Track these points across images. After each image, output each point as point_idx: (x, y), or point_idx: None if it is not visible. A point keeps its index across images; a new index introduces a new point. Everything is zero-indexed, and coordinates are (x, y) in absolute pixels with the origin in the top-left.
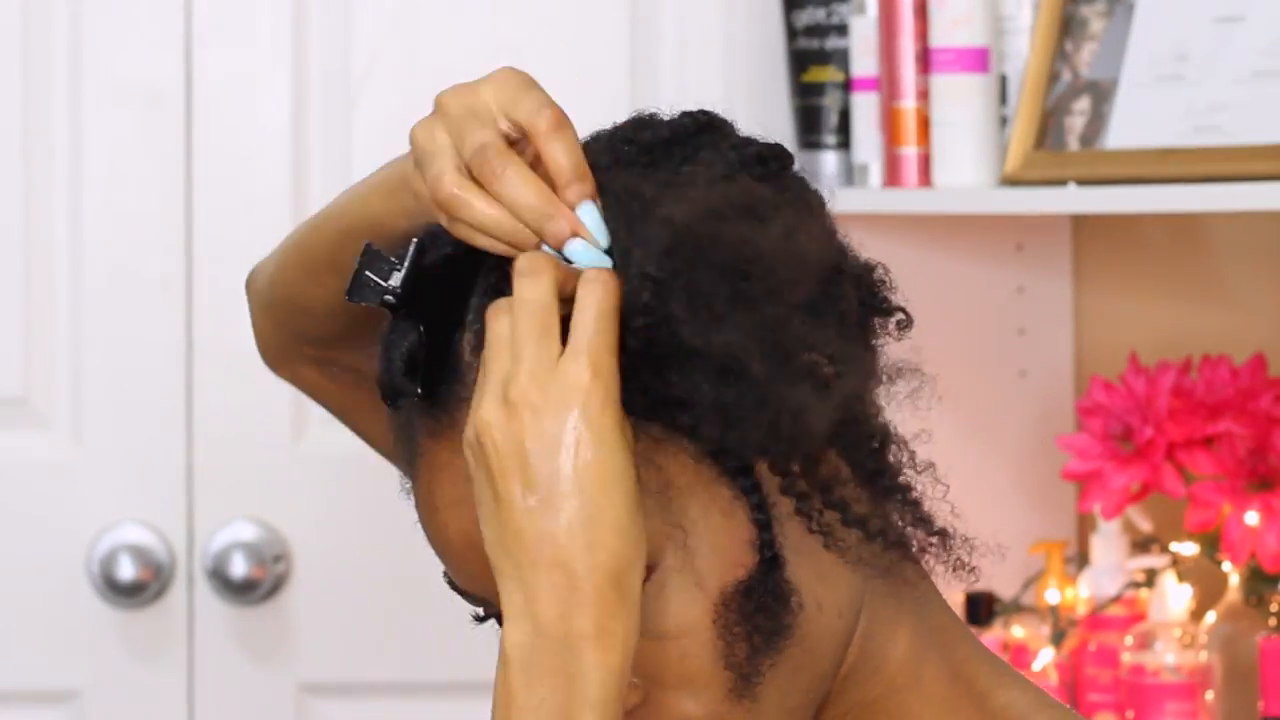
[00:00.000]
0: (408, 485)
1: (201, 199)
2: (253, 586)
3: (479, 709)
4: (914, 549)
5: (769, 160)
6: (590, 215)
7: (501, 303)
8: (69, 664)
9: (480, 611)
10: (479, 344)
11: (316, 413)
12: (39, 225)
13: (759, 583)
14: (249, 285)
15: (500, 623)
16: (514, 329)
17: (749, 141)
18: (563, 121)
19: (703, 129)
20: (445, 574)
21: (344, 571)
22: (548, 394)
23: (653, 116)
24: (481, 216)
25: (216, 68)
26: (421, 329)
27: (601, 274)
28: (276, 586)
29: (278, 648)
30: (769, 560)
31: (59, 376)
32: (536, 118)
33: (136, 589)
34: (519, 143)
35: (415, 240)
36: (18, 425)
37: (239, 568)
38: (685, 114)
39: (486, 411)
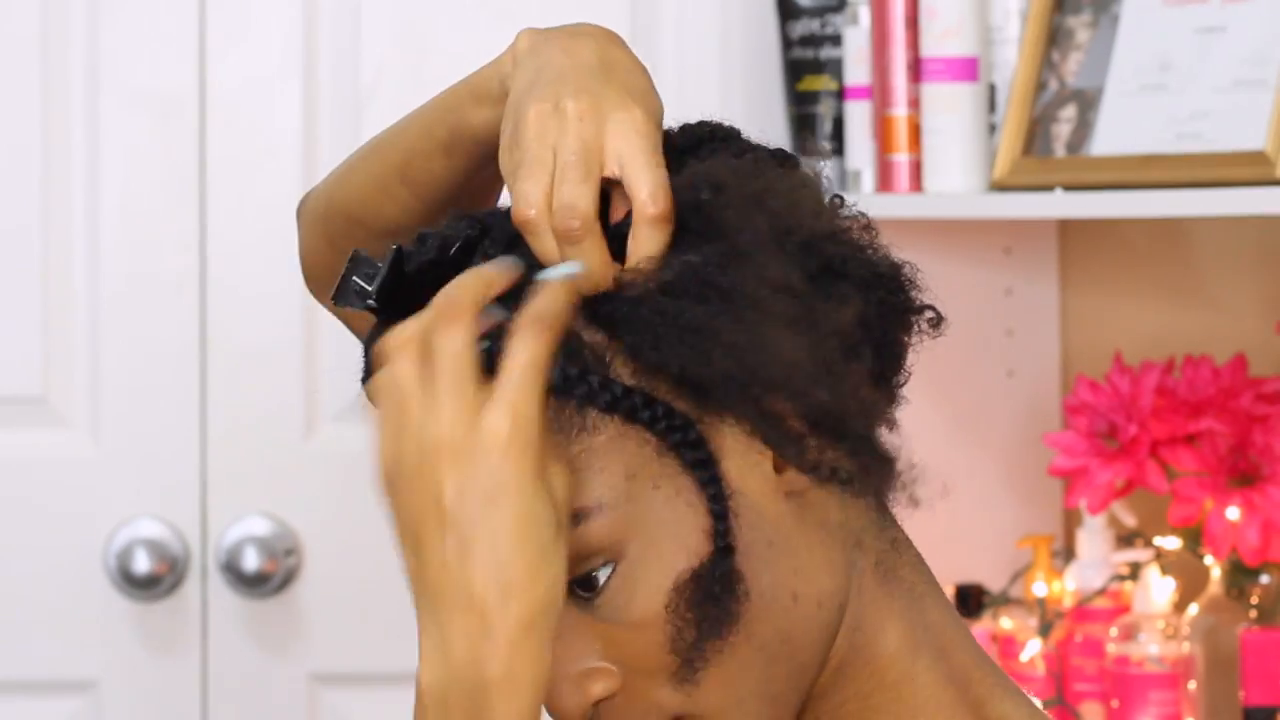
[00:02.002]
0: None
1: (215, 203)
2: (265, 579)
3: None
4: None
5: (783, 159)
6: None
7: (401, 337)
8: (86, 655)
9: None
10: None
11: (327, 410)
12: (57, 228)
13: (709, 571)
14: (300, 210)
15: None
16: (435, 373)
17: (759, 145)
18: (667, 216)
19: (714, 135)
20: None
21: (354, 564)
22: (469, 443)
23: (665, 130)
24: (542, 252)
25: (230, 75)
26: None
27: (537, 324)
28: (288, 579)
29: (289, 639)
30: (721, 549)
31: (77, 376)
32: (647, 202)
33: (152, 582)
34: (613, 183)
35: (394, 248)
36: (37, 424)
37: (251, 561)
38: (696, 123)
39: (408, 450)
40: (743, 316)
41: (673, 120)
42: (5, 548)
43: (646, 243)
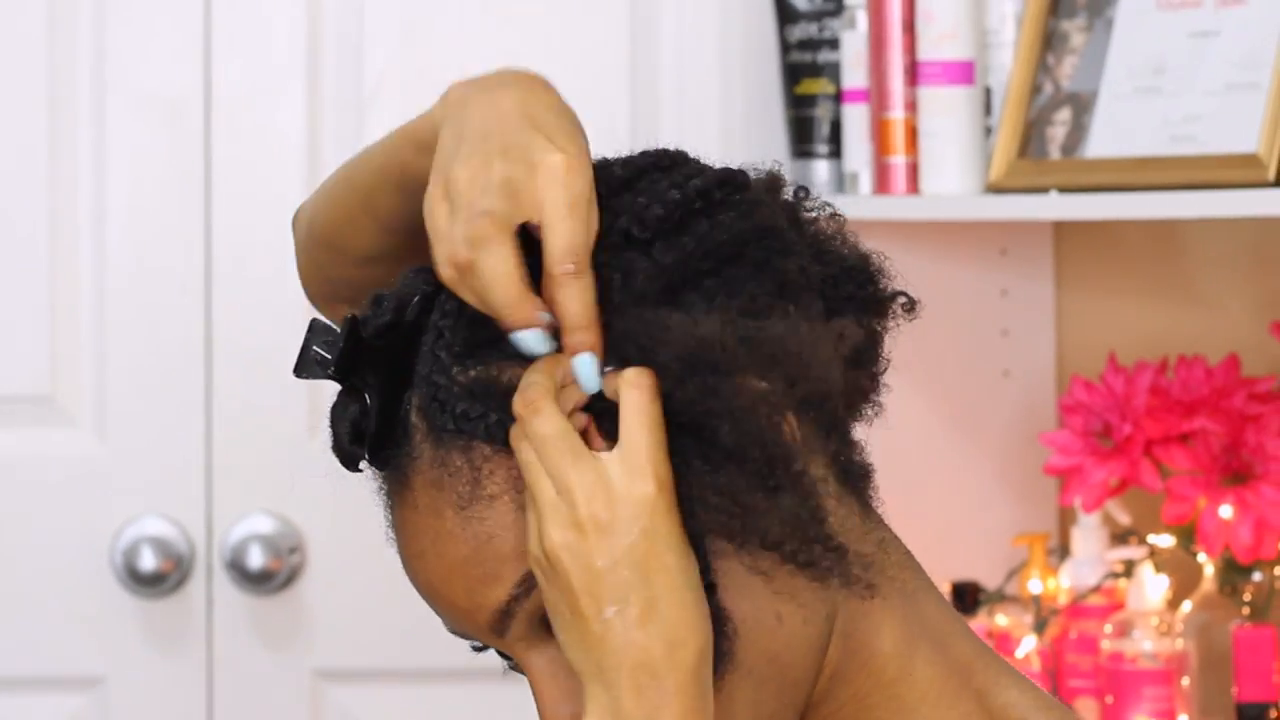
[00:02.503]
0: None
1: (220, 205)
2: (269, 577)
3: (486, 694)
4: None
5: (714, 189)
6: (586, 366)
7: (517, 430)
8: (93, 651)
9: (478, 643)
10: (425, 406)
11: None
12: (64, 230)
13: None
14: (294, 225)
15: (503, 657)
16: (545, 464)
17: (701, 171)
18: (582, 269)
19: (657, 165)
20: None
21: (357, 562)
22: (615, 512)
23: (605, 161)
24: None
25: (234, 79)
26: (367, 398)
27: (640, 376)
28: (292, 577)
29: (293, 635)
30: (705, 588)
31: (83, 376)
32: (560, 265)
33: (157, 579)
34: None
35: (349, 316)
36: (44, 423)
37: (256, 559)
38: (640, 153)
39: (554, 536)
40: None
41: (672, 130)
42: (12, 545)
43: (568, 301)
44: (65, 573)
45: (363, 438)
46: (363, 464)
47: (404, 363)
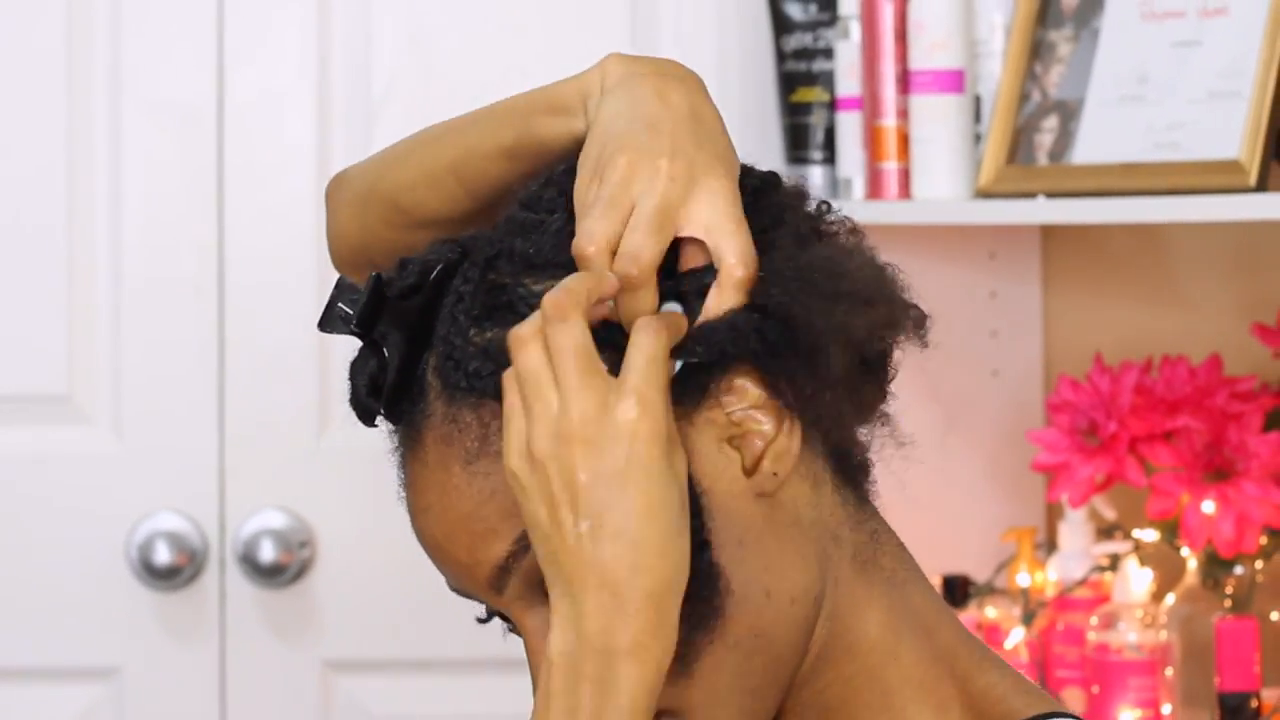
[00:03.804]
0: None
1: (232, 209)
2: (280, 570)
3: (493, 684)
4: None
5: (773, 182)
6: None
7: (524, 331)
8: (109, 643)
9: (483, 612)
10: (440, 365)
11: (341, 408)
12: (81, 234)
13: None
14: (333, 189)
15: (506, 623)
16: (556, 370)
17: (750, 170)
18: (752, 278)
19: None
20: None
21: (366, 556)
22: (601, 430)
23: None
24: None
25: (246, 87)
26: (385, 353)
27: (660, 320)
28: (302, 570)
29: (304, 627)
30: (696, 546)
31: (100, 376)
32: (736, 265)
33: (172, 573)
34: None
35: (373, 274)
36: (62, 421)
37: (267, 553)
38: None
39: (541, 443)
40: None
41: None
42: (31, 540)
43: (729, 299)
44: (83, 566)
45: (379, 392)
46: (379, 420)
47: (424, 325)
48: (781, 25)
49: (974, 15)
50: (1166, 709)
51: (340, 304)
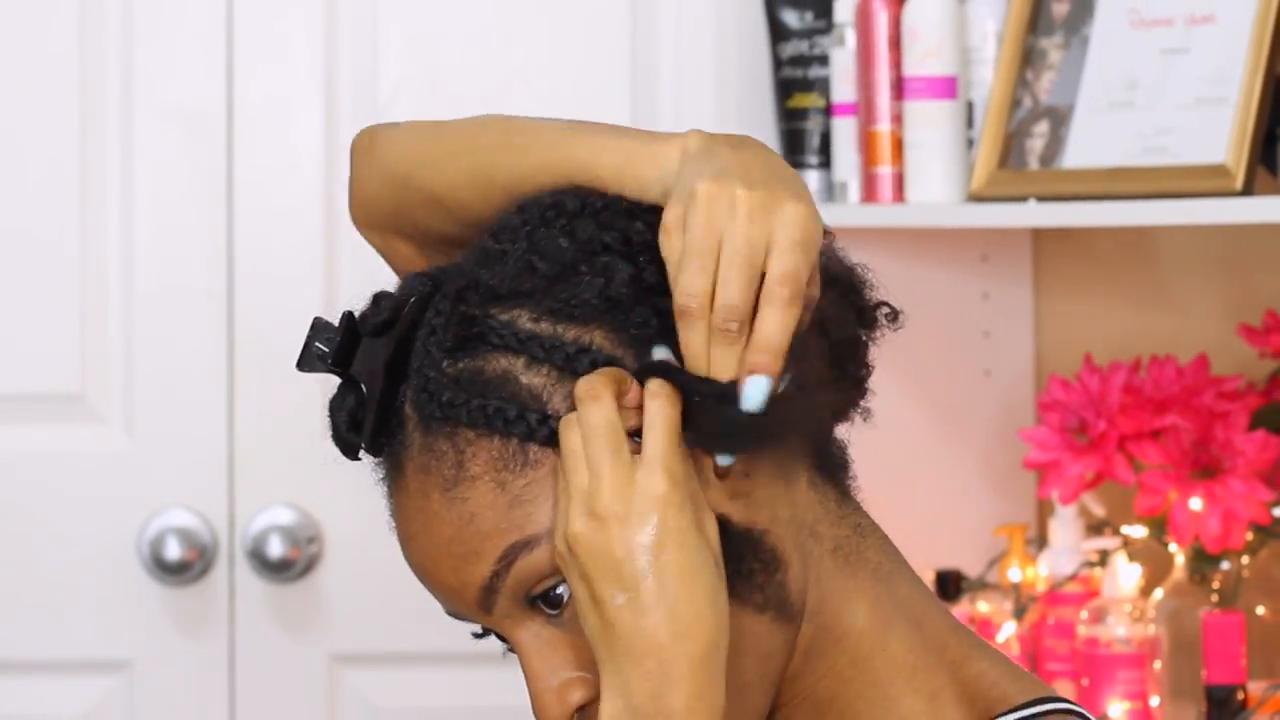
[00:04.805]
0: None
1: (241, 213)
2: (288, 566)
3: (498, 677)
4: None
5: None
6: (758, 387)
7: (570, 419)
8: (121, 636)
9: (478, 629)
10: (415, 396)
11: None
12: (93, 237)
13: None
14: (367, 148)
15: (503, 642)
16: (587, 449)
17: None
18: (795, 297)
19: None
20: None
21: (372, 551)
22: (631, 506)
23: None
24: (690, 341)
25: (255, 93)
26: (363, 389)
27: (662, 387)
28: (310, 566)
29: (311, 622)
30: None
31: (112, 375)
32: (779, 286)
33: (182, 568)
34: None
35: (345, 313)
36: (75, 420)
37: (276, 548)
38: None
39: (576, 524)
40: None
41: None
42: (45, 536)
43: (766, 321)
44: (95, 562)
45: (359, 427)
46: (362, 453)
47: (400, 358)
48: (778, 33)
49: (966, 23)
50: (1155, 701)
51: (317, 343)
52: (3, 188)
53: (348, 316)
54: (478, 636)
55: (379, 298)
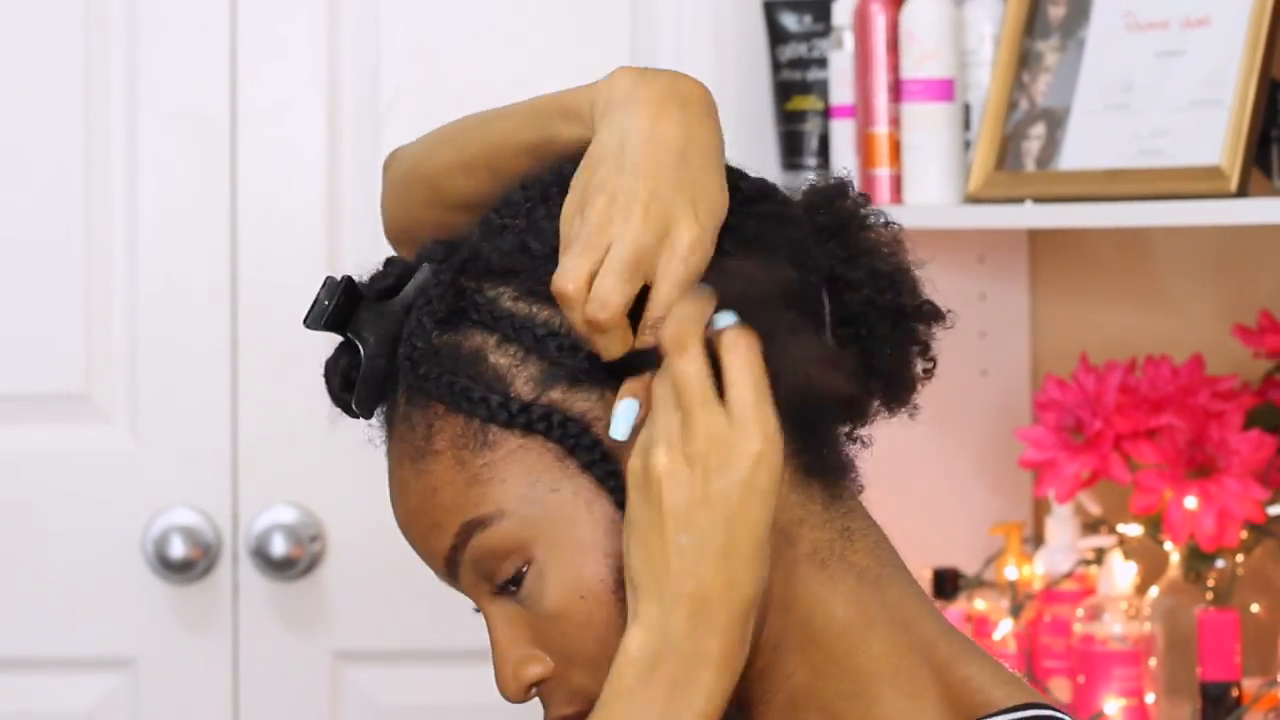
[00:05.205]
0: None
1: (244, 215)
2: (291, 564)
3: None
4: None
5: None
6: (626, 411)
7: (664, 372)
8: (125, 634)
9: (475, 606)
10: (401, 364)
11: None
12: (99, 239)
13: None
14: (387, 165)
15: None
16: (681, 398)
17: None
18: (684, 282)
19: (773, 197)
20: None
21: (374, 550)
22: (726, 458)
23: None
24: (571, 323)
25: (259, 97)
26: (360, 350)
27: (740, 337)
28: (313, 564)
29: (314, 619)
30: None
31: (117, 375)
32: (653, 314)
33: (186, 566)
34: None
35: (344, 276)
36: (80, 419)
37: (279, 547)
38: (759, 179)
39: (662, 459)
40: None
41: None
42: (51, 534)
43: (642, 343)
44: (100, 560)
45: (352, 386)
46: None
47: (394, 325)
48: (777, 36)
49: (964, 26)
50: (1150, 698)
51: (324, 300)
52: (8, 190)
53: (346, 280)
54: (477, 610)
55: (389, 262)
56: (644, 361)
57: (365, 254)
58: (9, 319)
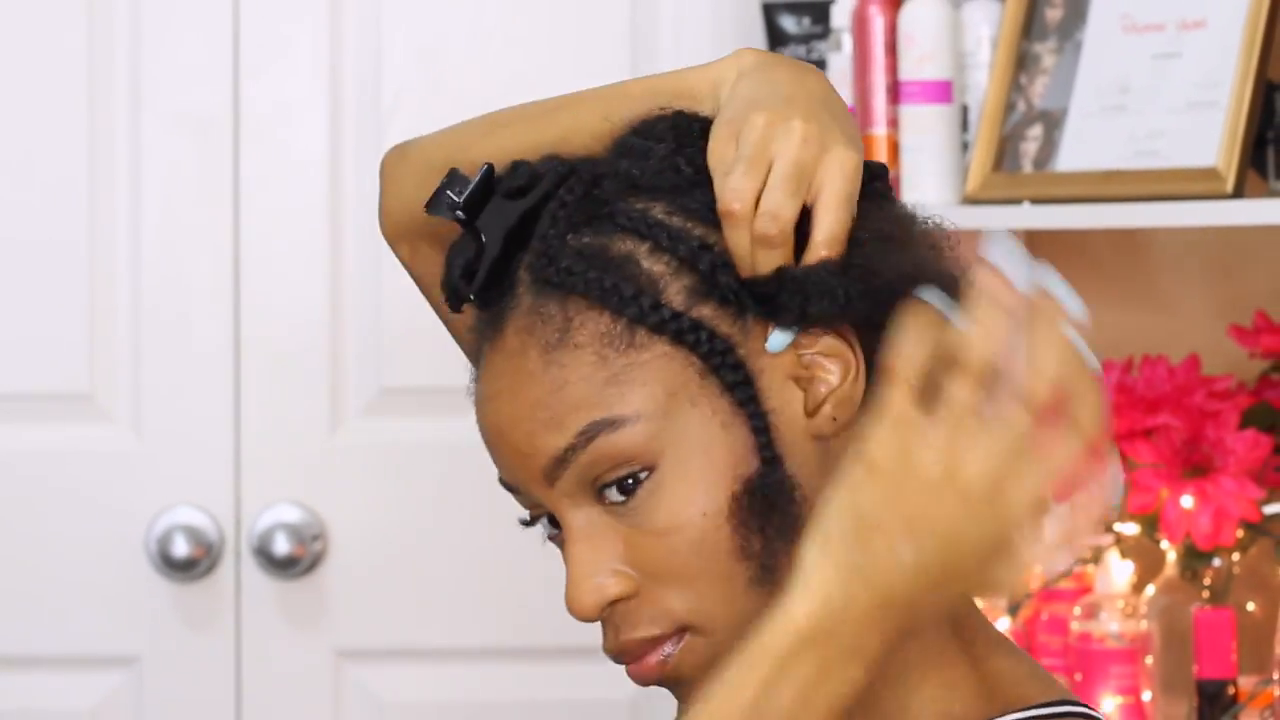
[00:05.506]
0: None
1: (247, 216)
2: (293, 563)
3: (500, 672)
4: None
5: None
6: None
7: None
8: (129, 632)
9: (526, 515)
10: (534, 261)
11: (353, 406)
12: (102, 240)
13: (762, 482)
14: (399, 158)
15: (551, 523)
16: (942, 412)
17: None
18: (849, 198)
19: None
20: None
21: (376, 549)
22: (994, 426)
23: None
24: (734, 244)
25: (261, 99)
26: (483, 241)
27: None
28: (315, 563)
29: (316, 618)
30: (768, 461)
31: (120, 375)
32: (820, 245)
33: (189, 565)
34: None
35: (486, 164)
36: (84, 419)
37: (281, 546)
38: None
39: (962, 391)
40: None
41: None
42: (54, 533)
43: (828, 221)
44: (103, 559)
45: (472, 276)
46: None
47: (524, 226)
48: (776, 37)
49: (961, 28)
50: (1146, 696)
51: (449, 191)
52: (12, 191)
53: (488, 168)
54: (525, 524)
55: (517, 164)
56: (825, 310)
57: (367, 254)
58: (13, 319)
